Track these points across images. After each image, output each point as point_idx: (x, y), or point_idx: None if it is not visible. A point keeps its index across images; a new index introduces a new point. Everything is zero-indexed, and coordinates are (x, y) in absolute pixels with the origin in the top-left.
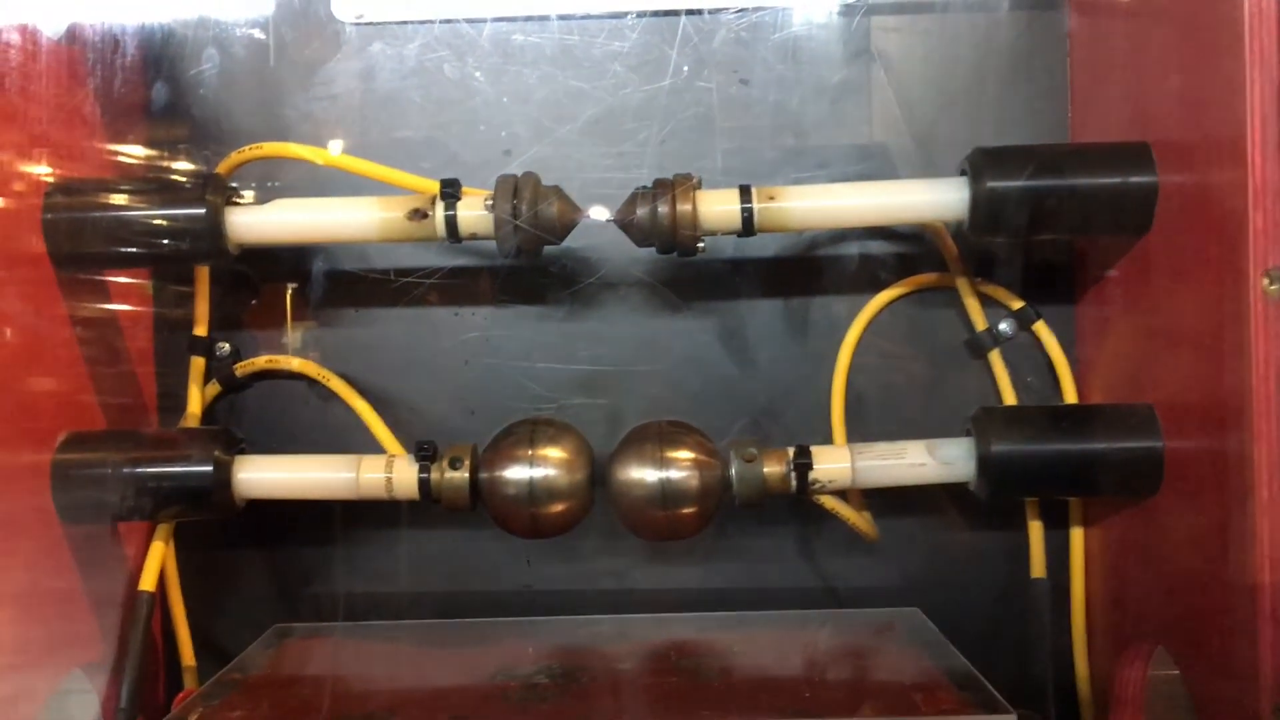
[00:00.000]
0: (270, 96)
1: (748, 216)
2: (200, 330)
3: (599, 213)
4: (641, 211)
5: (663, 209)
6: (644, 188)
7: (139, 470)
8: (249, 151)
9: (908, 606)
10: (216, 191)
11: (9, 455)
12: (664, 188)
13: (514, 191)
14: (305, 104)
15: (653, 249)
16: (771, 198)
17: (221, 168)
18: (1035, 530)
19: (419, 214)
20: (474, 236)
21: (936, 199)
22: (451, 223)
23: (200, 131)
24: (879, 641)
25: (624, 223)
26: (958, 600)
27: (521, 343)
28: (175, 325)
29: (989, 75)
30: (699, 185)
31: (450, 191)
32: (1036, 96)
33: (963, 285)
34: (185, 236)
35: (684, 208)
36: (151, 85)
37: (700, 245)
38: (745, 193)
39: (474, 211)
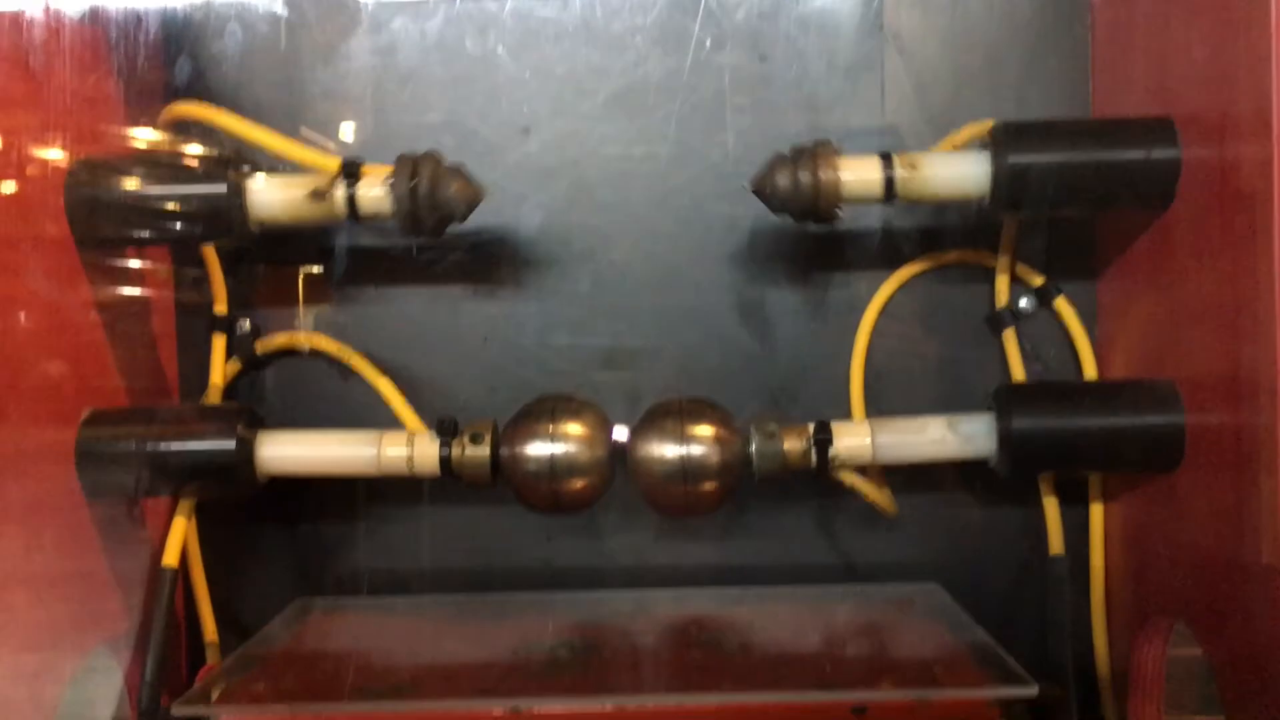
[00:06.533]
0: (291, 74)
1: (889, 183)
2: (220, 308)
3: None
4: (782, 179)
5: (804, 176)
6: (781, 154)
7: (162, 446)
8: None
9: (927, 582)
10: (238, 169)
11: (34, 434)
12: (803, 155)
13: (413, 171)
14: (326, 81)
15: (675, 227)
16: (913, 165)
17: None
18: (1052, 507)
19: (319, 194)
20: (376, 217)
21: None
22: (351, 202)
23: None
24: (899, 616)
25: (762, 190)
26: (978, 575)
27: (542, 319)
28: (196, 306)
29: (1011, 49)
30: (839, 151)
31: (351, 171)
32: (1058, 71)
33: (1001, 261)
34: (208, 214)
35: (827, 175)
36: (173, 63)
37: (838, 213)
38: (887, 160)
39: (374, 191)
